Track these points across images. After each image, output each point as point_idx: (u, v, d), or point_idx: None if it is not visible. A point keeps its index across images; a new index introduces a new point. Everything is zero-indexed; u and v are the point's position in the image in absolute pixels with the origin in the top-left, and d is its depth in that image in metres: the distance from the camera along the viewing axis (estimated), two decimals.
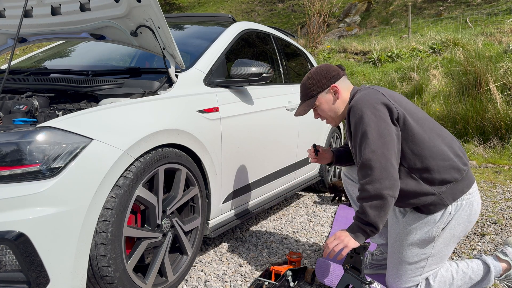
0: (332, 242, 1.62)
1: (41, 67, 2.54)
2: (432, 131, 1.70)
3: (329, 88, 1.83)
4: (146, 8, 1.86)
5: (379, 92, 1.69)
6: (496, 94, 5.77)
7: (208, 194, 2.15)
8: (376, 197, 1.55)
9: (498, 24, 8.91)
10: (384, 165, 1.56)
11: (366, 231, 1.59)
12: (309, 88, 1.85)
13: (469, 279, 1.78)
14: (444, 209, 1.68)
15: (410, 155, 1.67)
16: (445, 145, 1.70)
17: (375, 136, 1.59)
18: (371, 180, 1.56)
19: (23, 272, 1.35)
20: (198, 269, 2.19)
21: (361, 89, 1.79)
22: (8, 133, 1.41)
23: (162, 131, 1.76)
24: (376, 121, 1.61)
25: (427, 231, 1.71)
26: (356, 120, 1.65)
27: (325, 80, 1.83)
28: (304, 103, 1.89)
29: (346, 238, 1.61)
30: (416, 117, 1.69)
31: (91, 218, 1.47)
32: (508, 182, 4.19)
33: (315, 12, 10.13)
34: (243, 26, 2.83)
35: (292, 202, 3.59)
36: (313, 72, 1.86)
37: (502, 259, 1.87)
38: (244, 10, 17.88)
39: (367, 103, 1.64)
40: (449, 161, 1.67)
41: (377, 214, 1.56)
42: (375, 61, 8.28)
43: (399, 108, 1.66)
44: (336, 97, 1.83)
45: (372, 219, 1.56)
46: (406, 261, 1.76)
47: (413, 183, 1.67)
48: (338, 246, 1.61)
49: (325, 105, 1.84)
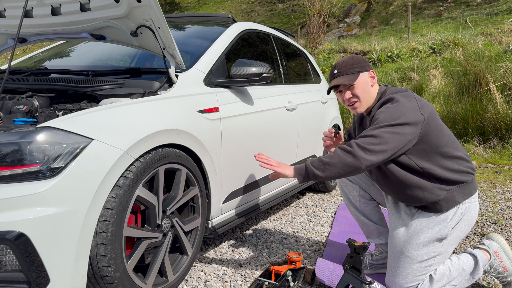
0: (271, 161, 1.80)
1: (41, 67, 2.54)
2: (449, 137, 1.79)
3: (369, 71, 1.89)
4: (146, 8, 1.86)
5: (413, 96, 1.77)
6: (496, 94, 5.77)
7: (208, 194, 2.15)
8: (354, 157, 1.63)
9: (498, 24, 8.92)
10: (386, 150, 1.64)
11: (310, 167, 1.69)
12: (352, 65, 1.87)
13: (462, 270, 1.83)
14: (456, 208, 1.76)
15: (427, 155, 1.74)
16: (457, 151, 1.79)
17: (397, 129, 1.66)
18: (369, 149, 1.62)
19: (23, 272, 1.35)
20: (198, 269, 2.19)
21: (390, 88, 1.88)
22: (8, 133, 1.41)
23: (162, 131, 1.76)
24: (398, 118, 1.67)
25: (439, 229, 1.76)
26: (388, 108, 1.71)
27: (366, 64, 1.89)
28: (346, 76, 1.87)
29: (287, 166, 1.78)
30: (438, 122, 1.77)
31: (91, 218, 1.47)
32: (508, 182, 4.20)
33: (315, 12, 10.14)
34: (243, 26, 2.83)
35: (292, 202, 3.59)
36: (352, 55, 1.92)
37: (481, 248, 1.94)
38: (244, 10, 17.88)
39: (401, 103, 1.71)
40: (460, 166, 1.77)
41: (332, 167, 1.65)
42: (375, 61, 8.28)
43: (425, 112, 1.72)
44: (373, 82, 1.89)
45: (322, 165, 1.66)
46: (416, 259, 1.78)
47: (428, 180, 1.75)
48: (272, 163, 1.78)
49: (363, 85, 1.86)
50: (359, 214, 2.12)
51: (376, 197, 2.10)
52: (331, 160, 1.65)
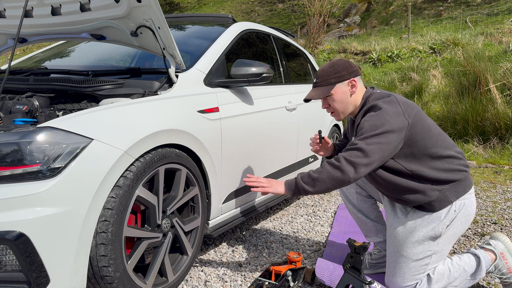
0: (262, 182, 1.77)
1: (41, 67, 2.54)
2: (438, 137, 1.77)
3: (348, 80, 1.85)
4: (146, 9, 1.86)
5: (396, 100, 1.74)
6: (496, 94, 5.77)
7: (208, 194, 2.15)
8: (342, 172, 1.63)
9: (498, 24, 8.93)
10: (372, 162, 1.65)
11: (300, 183, 1.69)
12: (329, 75, 1.86)
13: (463, 270, 1.82)
14: (449, 206, 1.75)
15: (416, 158, 1.74)
16: (447, 150, 1.77)
17: (381, 138, 1.66)
18: (356, 163, 1.62)
19: (23, 272, 1.35)
20: (198, 269, 2.19)
21: (375, 93, 1.84)
22: (8, 133, 1.41)
23: (162, 131, 1.76)
24: (382, 125, 1.66)
25: (432, 227, 1.76)
26: (372, 116, 1.70)
27: (346, 72, 1.86)
28: (319, 88, 1.88)
29: (277, 183, 1.77)
30: (425, 124, 1.75)
31: (91, 218, 1.47)
32: (508, 182, 4.20)
33: (315, 12, 10.14)
34: (243, 26, 2.83)
35: (292, 202, 3.59)
36: (335, 62, 1.89)
37: (487, 249, 1.92)
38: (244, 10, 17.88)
39: (384, 109, 1.70)
40: (451, 165, 1.76)
41: (321, 182, 1.65)
42: (375, 61, 8.29)
43: (409, 116, 1.71)
44: (352, 91, 1.86)
45: (311, 180, 1.67)
46: (411, 258, 1.78)
47: (418, 182, 1.75)
48: (263, 185, 1.76)
49: (339, 96, 1.86)
50: (356, 212, 2.13)
51: (373, 194, 2.11)
52: (320, 176, 1.66)
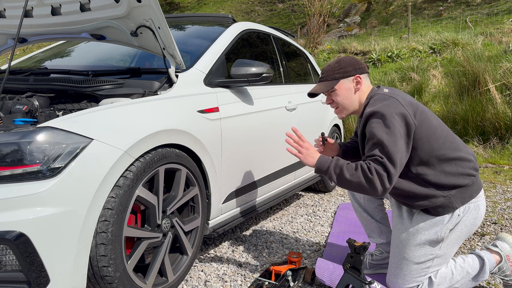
0: (300, 146, 1.75)
1: (41, 67, 2.54)
2: (446, 139, 1.74)
3: (353, 77, 1.85)
4: (146, 9, 1.86)
5: (399, 103, 1.70)
6: (496, 95, 5.77)
7: (208, 194, 2.15)
8: (372, 188, 1.59)
9: (498, 24, 8.92)
10: (395, 174, 1.61)
11: (330, 172, 1.67)
12: (335, 70, 1.86)
13: (467, 273, 1.81)
14: (453, 211, 1.72)
15: (422, 161, 1.71)
16: (457, 152, 1.74)
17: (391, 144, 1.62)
18: (384, 182, 1.58)
19: (23, 272, 1.35)
20: (198, 269, 2.19)
21: (378, 94, 1.80)
22: (8, 133, 1.41)
23: (162, 131, 1.76)
24: (392, 133, 1.63)
25: (435, 231, 1.74)
26: (374, 126, 1.66)
27: (351, 68, 1.85)
28: (323, 83, 1.88)
29: (312, 155, 1.74)
30: (431, 124, 1.72)
31: (91, 218, 1.47)
32: (508, 182, 4.20)
33: (315, 12, 10.14)
34: (243, 26, 2.83)
35: (292, 202, 3.59)
36: (342, 58, 1.89)
37: (493, 250, 1.90)
38: (244, 10, 17.88)
39: (387, 114, 1.65)
40: (460, 168, 1.72)
41: (349, 184, 1.62)
42: (375, 61, 8.28)
43: (415, 117, 1.69)
44: (357, 88, 1.86)
45: (341, 176, 1.63)
46: (413, 261, 1.77)
47: (423, 186, 1.72)
48: (298, 151, 1.75)
49: (344, 91, 1.85)
50: (362, 211, 2.12)
51: None
52: (352, 178, 1.61)
